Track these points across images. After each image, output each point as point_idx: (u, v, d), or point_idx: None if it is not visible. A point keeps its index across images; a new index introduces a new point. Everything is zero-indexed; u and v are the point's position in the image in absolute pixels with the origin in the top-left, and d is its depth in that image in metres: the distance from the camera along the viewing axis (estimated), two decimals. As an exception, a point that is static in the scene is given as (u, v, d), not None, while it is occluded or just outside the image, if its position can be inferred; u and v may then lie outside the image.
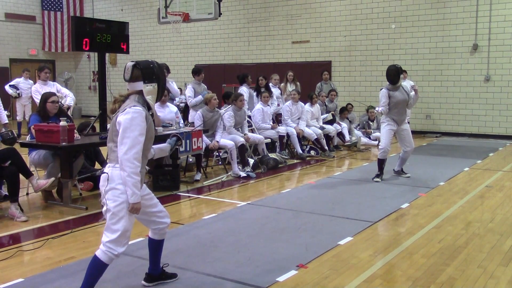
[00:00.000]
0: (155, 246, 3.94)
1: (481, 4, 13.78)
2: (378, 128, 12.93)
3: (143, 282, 3.98)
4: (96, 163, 7.84)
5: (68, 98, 9.81)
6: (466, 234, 5.27)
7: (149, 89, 3.56)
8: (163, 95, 3.97)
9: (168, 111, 8.35)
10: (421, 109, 14.67)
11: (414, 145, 8.27)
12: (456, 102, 14.39)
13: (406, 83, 9.35)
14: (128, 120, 3.39)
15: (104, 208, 3.48)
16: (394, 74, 7.86)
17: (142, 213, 3.61)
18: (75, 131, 6.54)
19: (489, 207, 6.44)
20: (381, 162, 8.09)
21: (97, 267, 3.47)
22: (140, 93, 3.57)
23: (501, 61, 13.66)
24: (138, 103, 3.51)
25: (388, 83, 7.97)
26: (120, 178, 3.42)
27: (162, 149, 4.12)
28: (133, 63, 3.58)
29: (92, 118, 10.14)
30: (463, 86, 14.24)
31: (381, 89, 8.08)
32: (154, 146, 3.91)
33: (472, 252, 4.72)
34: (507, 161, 10.03)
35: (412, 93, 8.08)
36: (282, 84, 11.71)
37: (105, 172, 3.52)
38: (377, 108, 8.10)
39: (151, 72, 3.57)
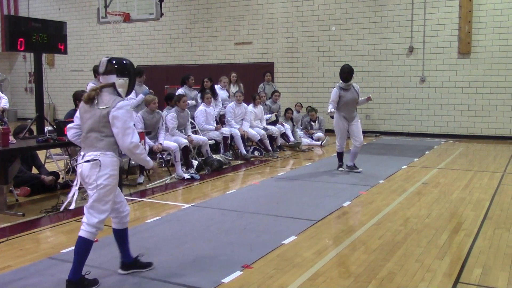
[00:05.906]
0: (120, 235, 4.18)
1: (416, 8, 14.32)
2: (320, 129, 13.22)
3: (119, 270, 4.21)
4: (33, 167, 7.57)
5: (2, 100, 9.42)
6: (405, 230, 5.46)
7: (121, 83, 3.90)
8: (132, 90, 4.14)
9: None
10: (361, 109, 15.00)
11: (362, 139, 8.78)
12: (394, 102, 14.88)
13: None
14: (125, 113, 3.78)
15: (94, 191, 3.77)
16: (347, 72, 8.42)
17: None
18: (11, 134, 6.28)
19: (426, 203, 6.70)
20: (339, 155, 8.88)
21: (86, 247, 3.82)
22: (113, 85, 3.90)
23: (435, 62, 14.25)
24: (118, 96, 3.90)
25: (341, 81, 8.45)
26: (111, 164, 3.79)
27: None
28: (108, 58, 3.97)
29: (29, 121, 9.76)
30: (400, 87, 14.75)
31: (333, 88, 8.55)
32: None
33: (410, 247, 4.89)
34: (441, 159, 10.48)
35: (363, 98, 8.67)
36: (225, 85, 11.72)
37: (97, 159, 3.76)
38: (328, 110, 8.48)
39: (124, 67, 3.93)
